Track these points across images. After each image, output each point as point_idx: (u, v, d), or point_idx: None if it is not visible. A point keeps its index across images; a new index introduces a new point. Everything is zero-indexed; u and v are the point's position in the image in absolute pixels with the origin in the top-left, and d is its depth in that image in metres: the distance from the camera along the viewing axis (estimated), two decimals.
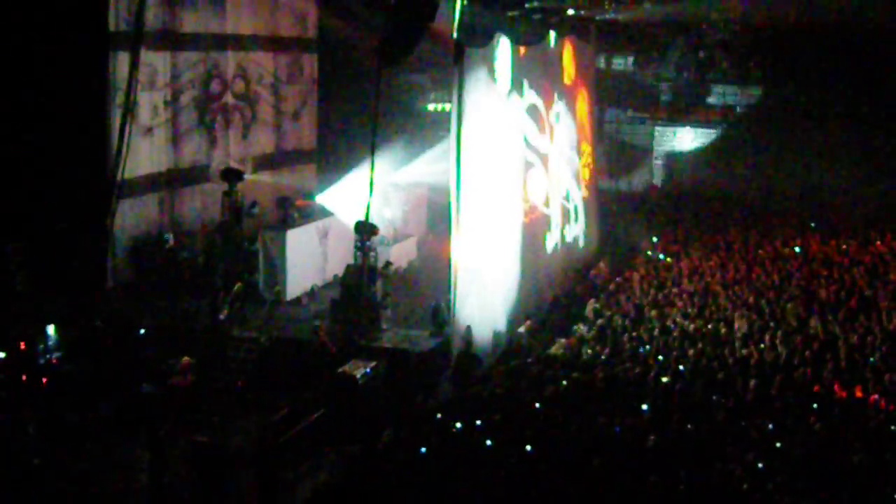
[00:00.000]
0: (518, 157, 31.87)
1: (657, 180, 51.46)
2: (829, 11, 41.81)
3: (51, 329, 26.28)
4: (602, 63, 48.07)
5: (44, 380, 24.81)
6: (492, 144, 29.40)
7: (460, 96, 26.84)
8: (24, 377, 24.60)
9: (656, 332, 27.23)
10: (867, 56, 47.25)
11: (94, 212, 29.44)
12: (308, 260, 32.16)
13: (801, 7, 42.39)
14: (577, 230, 39.02)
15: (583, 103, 40.65)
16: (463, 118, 26.87)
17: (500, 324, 29.67)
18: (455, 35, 26.50)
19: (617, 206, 44.87)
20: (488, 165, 28.97)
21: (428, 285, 32.11)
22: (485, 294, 28.67)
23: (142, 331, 27.42)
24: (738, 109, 51.79)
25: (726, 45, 50.25)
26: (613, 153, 49.61)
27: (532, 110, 33.45)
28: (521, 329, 29.42)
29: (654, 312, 29.13)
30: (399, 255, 34.89)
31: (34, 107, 28.79)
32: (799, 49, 48.55)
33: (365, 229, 28.63)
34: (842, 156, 48.04)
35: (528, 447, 19.58)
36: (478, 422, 21.16)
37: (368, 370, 24.54)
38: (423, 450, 19.96)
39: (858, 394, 22.33)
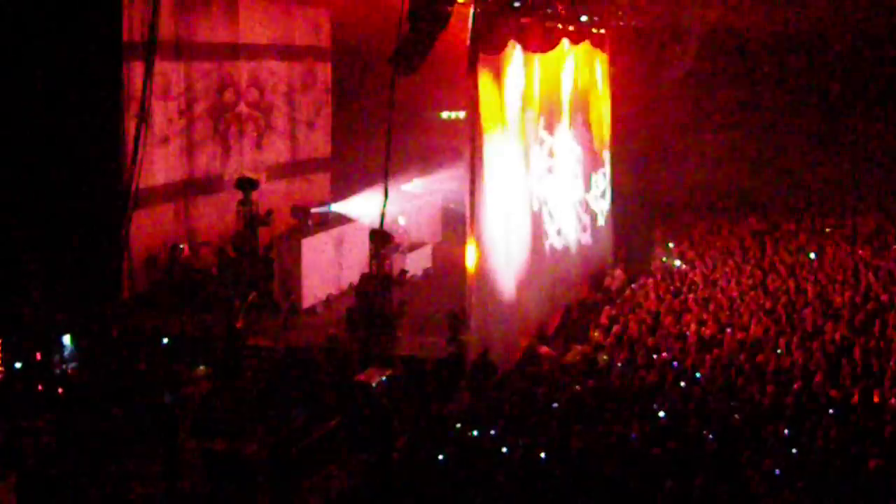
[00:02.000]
0: (532, 165, 31.84)
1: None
2: (842, 14, 41.84)
3: (66, 339, 26.34)
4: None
5: (59, 390, 24.86)
6: (506, 152, 29.39)
7: (474, 103, 26.83)
8: (39, 387, 24.67)
9: (672, 338, 27.18)
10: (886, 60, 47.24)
11: (110, 221, 29.51)
12: (323, 269, 32.17)
13: (819, 12, 42.44)
14: (592, 237, 38.96)
15: (598, 109, 40.60)
16: (476, 126, 26.86)
17: (516, 331, 29.63)
18: (469, 43, 26.51)
19: (633, 212, 44.75)
20: (502, 173, 28.94)
21: (443, 293, 32.08)
22: (500, 301, 28.64)
23: (165, 340, 27.46)
24: (753, 114, 51.66)
25: (741, 48, 50.14)
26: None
27: (546, 117, 33.44)
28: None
29: (669, 319, 29.08)
30: (414, 263, 34.90)
31: (48, 116, 28.83)
32: (815, 53, 48.51)
33: (380, 238, 28.67)
34: (857, 160, 48.01)
35: (543, 454, 19.56)
36: (493, 430, 21.15)
37: (384, 378, 24.56)
38: (440, 457, 19.95)
39: (875, 399, 22.25)
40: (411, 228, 36.75)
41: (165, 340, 27.53)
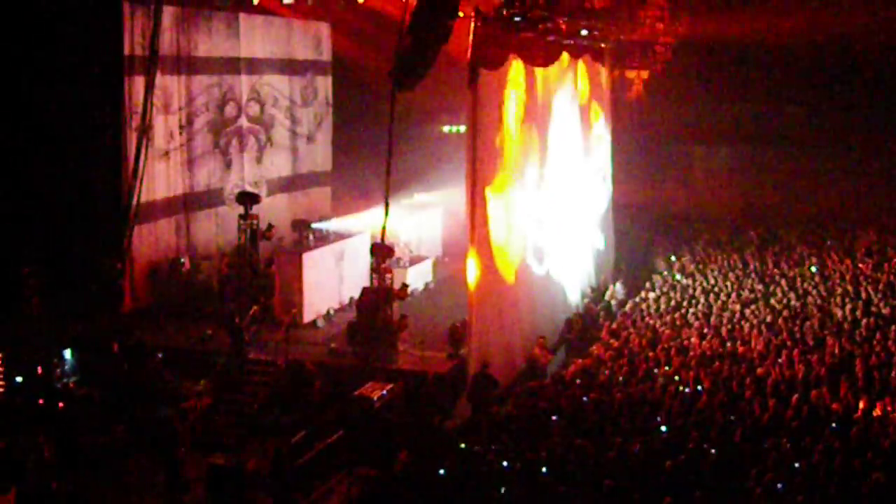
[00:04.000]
0: (532, 178, 31.85)
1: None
2: (849, 28, 41.92)
3: (67, 353, 26.35)
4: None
5: (60, 403, 24.87)
6: (506, 165, 29.41)
7: (474, 118, 26.85)
8: (40, 401, 24.68)
9: (673, 351, 27.14)
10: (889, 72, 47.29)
11: (111, 236, 29.55)
12: (324, 282, 32.16)
13: (818, 25, 42.52)
14: (593, 250, 38.96)
15: (598, 123, 40.63)
16: (477, 140, 26.86)
17: (517, 344, 29.61)
18: (469, 57, 26.53)
19: (634, 225, 44.75)
20: (502, 186, 28.97)
21: (444, 307, 32.08)
22: (501, 315, 28.63)
23: (160, 355, 27.46)
24: (754, 127, 51.61)
25: (745, 61, 50.13)
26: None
27: (546, 131, 33.44)
28: (536, 350, 29.36)
29: (670, 333, 29.05)
30: (415, 277, 34.92)
31: (50, 131, 28.91)
32: (816, 66, 48.52)
33: (380, 252, 28.66)
34: (860, 173, 48.06)
35: (544, 468, 19.53)
36: (494, 444, 21.12)
37: (385, 392, 24.55)
38: (441, 472, 19.92)
39: (877, 412, 22.22)
40: (412, 242, 36.79)
41: (166, 354, 27.53)
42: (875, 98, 47.96)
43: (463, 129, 32.19)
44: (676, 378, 25.09)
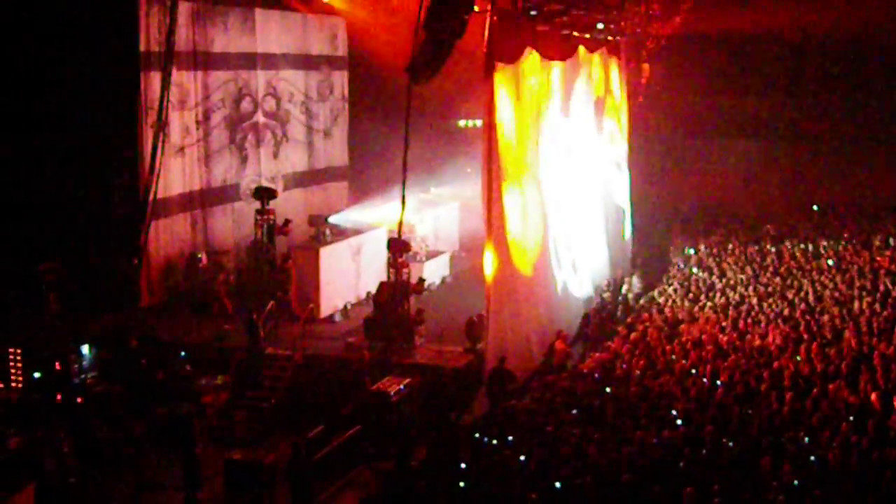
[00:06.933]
0: (549, 172, 31.80)
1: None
2: (864, 20, 41.77)
3: (85, 349, 26.39)
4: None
5: (78, 399, 24.92)
6: (522, 159, 29.38)
7: (490, 112, 26.81)
8: (58, 396, 24.72)
9: (690, 345, 27.07)
10: None
11: (128, 231, 29.61)
12: (341, 277, 32.17)
13: (832, 19, 42.42)
14: (610, 244, 38.89)
15: (615, 117, 40.56)
16: (493, 134, 26.83)
17: (534, 338, 29.57)
18: (485, 51, 26.51)
19: (650, 219, 44.66)
20: (519, 180, 28.94)
21: (461, 301, 32.06)
22: (518, 309, 28.59)
23: (182, 353, 27.50)
24: (772, 121, 51.43)
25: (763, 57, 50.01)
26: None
27: (562, 124, 33.40)
28: (559, 344, 29.31)
29: (687, 326, 28.97)
30: (432, 271, 34.90)
31: (67, 127, 28.99)
32: (834, 60, 48.39)
33: (397, 246, 28.64)
34: (877, 165, 47.91)
35: (562, 462, 19.51)
36: (511, 438, 21.10)
37: (402, 387, 24.55)
38: (459, 466, 19.91)
39: (895, 405, 22.12)
40: (429, 237, 36.76)
41: (189, 352, 27.58)
42: (891, 90, 47.77)
43: (479, 123, 32.15)
44: (693, 371, 25.03)
